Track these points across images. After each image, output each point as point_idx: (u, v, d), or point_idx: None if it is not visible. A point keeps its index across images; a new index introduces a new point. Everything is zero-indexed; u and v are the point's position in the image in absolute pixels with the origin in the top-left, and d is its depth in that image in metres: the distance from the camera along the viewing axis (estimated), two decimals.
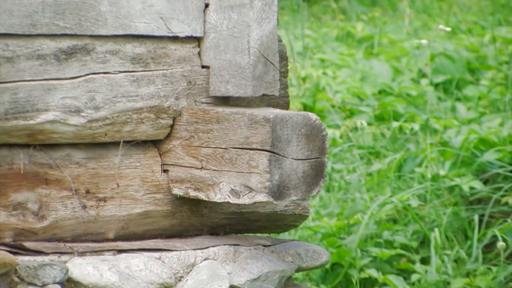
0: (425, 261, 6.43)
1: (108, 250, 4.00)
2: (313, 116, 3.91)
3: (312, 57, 9.37)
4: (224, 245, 4.15)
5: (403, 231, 6.61)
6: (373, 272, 6.23)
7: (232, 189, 3.93)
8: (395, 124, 7.57)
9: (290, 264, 4.19)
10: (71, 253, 3.87)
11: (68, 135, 3.92)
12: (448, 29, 9.44)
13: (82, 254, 3.90)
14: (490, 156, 6.77)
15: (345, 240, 6.46)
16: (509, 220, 6.36)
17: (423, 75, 8.66)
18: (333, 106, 7.98)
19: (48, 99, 3.84)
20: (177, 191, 4.11)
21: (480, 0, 11.93)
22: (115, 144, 4.07)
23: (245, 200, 3.89)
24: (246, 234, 4.36)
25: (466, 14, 10.90)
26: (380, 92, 8.52)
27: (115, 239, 4.08)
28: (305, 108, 7.70)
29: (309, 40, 10.09)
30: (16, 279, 3.73)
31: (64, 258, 3.84)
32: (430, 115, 7.63)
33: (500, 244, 6.22)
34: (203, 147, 4.05)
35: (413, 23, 10.75)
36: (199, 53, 4.10)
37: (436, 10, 11.66)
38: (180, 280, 4.00)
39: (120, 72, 3.96)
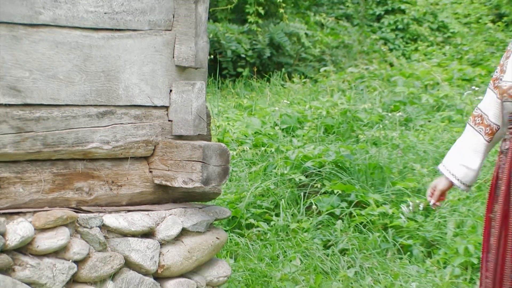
0: (277, 215, 7.25)
1: (122, 211, 4.72)
2: (222, 144, 4.82)
3: (221, 116, 10.68)
4: (180, 207, 4.98)
5: (267, 200, 7.53)
6: (252, 220, 7.33)
7: (183, 180, 4.72)
8: (262, 149, 8.83)
9: (212, 217, 4.94)
10: (104, 212, 4.60)
11: (102, 154, 4.68)
12: (288, 102, 11.38)
13: (109, 212, 4.63)
14: (309, 164, 7.83)
15: (238, 205, 7.35)
16: (318, 195, 7.38)
17: (276, 124, 9.95)
18: (232, 139, 9.21)
19: (93, 137, 4.55)
20: (157, 181, 4.92)
21: (304, 88, 13.23)
22: (126, 158, 4.75)
23: (189, 185, 4.72)
24: (190, 202, 5.03)
25: (297, 94, 12.03)
26: (255, 133, 9.69)
27: (126, 205, 4.78)
28: (219, 140, 8.73)
29: (220, 107, 11.36)
30: (77, 225, 4.39)
31: (101, 214, 4.55)
32: (280, 144, 8.86)
33: (314, 206, 7.53)
34: (169, 159, 4.82)
35: (271, 99, 12.02)
36: (167, 114, 4.85)
37: (283, 92, 12.61)
38: (158, 225, 4.68)
39: (129, 123, 4.69)
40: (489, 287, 4.38)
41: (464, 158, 4.44)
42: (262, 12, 14.94)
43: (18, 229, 4.44)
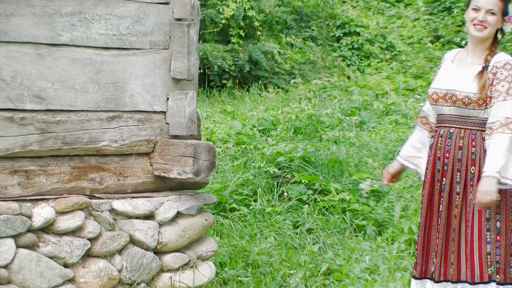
0: (255, 201, 7.27)
1: (128, 197, 4.70)
2: (210, 143, 4.87)
3: (209, 119, 10.59)
4: (175, 195, 4.95)
5: (246, 189, 7.53)
6: (234, 205, 7.35)
7: (178, 172, 4.68)
8: (243, 146, 8.78)
9: (201, 202, 4.91)
10: (113, 198, 4.58)
11: (111, 151, 4.66)
12: (264, 108, 11.31)
13: (117, 198, 4.61)
14: (281, 158, 7.77)
15: (223, 192, 7.47)
16: (288, 184, 7.64)
17: (254, 126, 9.89)
18: (218, 139, 9.16)
19: (103, 136, 4.53)
20: (156, 173, 4.90)
21: (277, 96, 13.28)
22: (131, 154, 4.73)
23: (183, 176, 4.67)
24: (184, 190, 5.00)
25: (271, 102, 12.14)
26: (237, 133, 9.61)
27: (131, 192, 4.76)
28: (207, 140, 8.61)
29: (208, 112, 11.24)
30: (91, 209, 4.37)
31: (110, 200, 4.54)
32: (257, 142, 8.86)
33: (285, 193, 7.52)
34: (166, 155, 4.79)
35: (250, 105, 12.05)
36: (165, 118, 4.83)
37: (260, 100, 12.59)
38: (157, 209, 4.65)
39: (133, 125, 4.68)
40: (419, 258, 4.40)
41: (412, 146, 4.50)
42: (243, 34, 14.85)
43: (42, 213, 4.45)
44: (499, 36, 4.29)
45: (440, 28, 17.95)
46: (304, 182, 7.58)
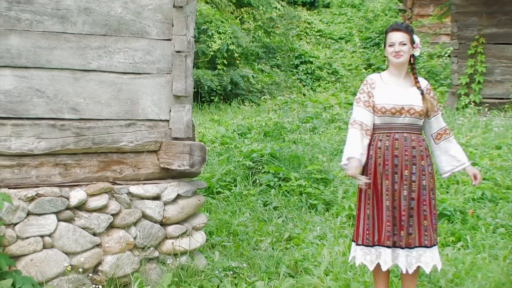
0: (235, 186, 7.44)
1: (141, 183, 4.59)
2: (202, 143, 4.79)
3: (201, 126, 10.57)
4: (176, 182, 4.87)
5: (229, 177, 7.66)
6: (220, 189, 7.32)
7: (178, 165, 4.60)
8: (226, 145, 8.77)
9: (195, 187, 4.85)
10: (129, 184, 4.54)
11: (128, 149, 4.61)
12: (242, 117, 11.34)
13: (133, 184, 4.56)
14: (254, 155, 7.79)
15: (211, 180, 7.45)
16: (260, 174, 7.58)
17: (234, 131, 9.93)
18: (208, 140, 9.16)
19: (123, 138, 4.46)
20: (162, 165, 4.79)
21: (251, 109, 13.21)
22: (143, 151, 4.64)
23: (182, 168, 4.73)
24: (182, 178, 4.88)
25: (247, 113, 12.16)
26: (222, 136, 9.53)
27: (143, 180, 4.70)
28: (200, 141, 8.57)
29: (200, 121, 11.16)
30: (113, 192, 4.33)
31: (127, 186, 4.49)
32: (237, 143, 8.87)
33: (257, 180, 7.43)
34: (169, 152, 4.70)
35: (231, 115, 12.07)
36: (168, 125, 4.76)
37: (239, 112, 12.74)
38: (162, 192, 4.58)
39: (145, 130, 4.61)
40: (371, 231, 4.27)
41: (362, 152, 4.24)
42: (226, 62, 14.94)
43: (77, 195, 4.42)
44: (412, 59, 4.36)
45: (371, 58, 18.17)
46: (271, 172, 7.55)
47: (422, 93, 4.30)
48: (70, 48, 4.42)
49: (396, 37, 4.27)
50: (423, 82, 4.37)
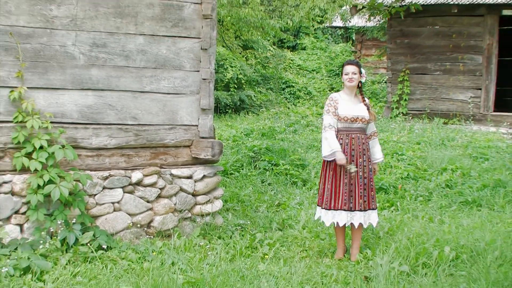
0: (243, 169, 7.11)
1: (179, 167, 4.44)
2: (220, 141, 4.70)
3: (219, 129, 10.20)
4: (203, 166, 4.77)
5: (238, 163, 7.37)
6: (232, 171, 6.94)
7: (204, 155, 4.43)
8: (236, 142, 8.30)
9: (215, 170, 4.70)
10: (171, 168, 4.38)
11: (171, 144, 4.44)
12: (247, 123, 10.62)
13: (174, 168, 4.39)
14: (255, 148, 7.42)
15: (226, 165, 7.14)
16: (259, 161, 7.22)
17: (242, 132, 9.48)
18: (224, 138, 8.60)
19: (167, 137, 4.31)
20: (193, 156, 4.64)
21: (253, 118, 12.80)
22: (180, 146, 4.49)
23: (206, 157, 4.58)
24: (207, 164, 4.68)
25: (250, 120, 11.69)
26: (233, 136, 9.09)
27: (181, 165, 4.55)
28: (219, 139, 8.10)
29: (219, 126, 10.73)
30: (161, 173, 4.16)
31: (170, 169, 4.34)
32: (243, 140, 8.46)
33: (258, 166, 7.15)
34: (198, 147, 4.52)
35: (240, 122, 11.64)
36: (197, 128, 4.56)
37: (245, 119, 12.34)
38: (193, 173, 4.44)
39: (182, 132, 4.42)
40: (328, 198, 4.21)
41: (336, 141, 4.12)
42: (236, 86, 14.80)
43: (136, 175, 4.32)
44: (360, 84, 4.32)
45: (333, 83, 18.00)
46: (267, 160, 7.43)
47: (368, 108, 4.29)
48: (131, 77, 4.39)
49: (350, 68, 4.25)
50: (367, 100, 4.34)
